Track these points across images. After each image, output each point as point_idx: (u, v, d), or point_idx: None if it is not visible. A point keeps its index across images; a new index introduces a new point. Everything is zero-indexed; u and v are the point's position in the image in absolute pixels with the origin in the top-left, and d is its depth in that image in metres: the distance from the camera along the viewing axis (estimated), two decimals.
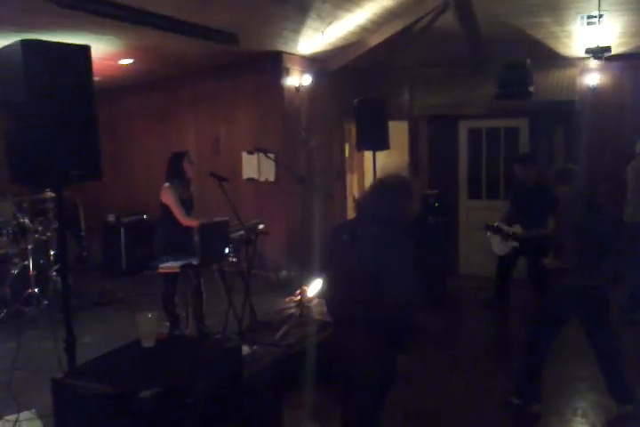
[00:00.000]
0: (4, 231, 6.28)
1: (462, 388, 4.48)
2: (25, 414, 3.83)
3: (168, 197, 5.06)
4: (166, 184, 5.11)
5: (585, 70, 7.64)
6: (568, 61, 7.70)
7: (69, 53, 3.08)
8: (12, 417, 3.77)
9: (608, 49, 6.31)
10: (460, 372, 4.81)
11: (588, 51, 6.38)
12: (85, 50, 3.18)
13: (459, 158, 8.10)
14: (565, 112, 7.33)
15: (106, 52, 6.41)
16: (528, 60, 7.01)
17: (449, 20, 6.92)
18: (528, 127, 7.57)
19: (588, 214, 3.81)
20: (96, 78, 3.27)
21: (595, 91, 7.54)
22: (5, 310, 6.00)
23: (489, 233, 4.80)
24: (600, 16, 6.31)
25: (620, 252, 5.00)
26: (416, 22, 7.09)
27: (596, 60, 6.86)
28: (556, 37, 7.24)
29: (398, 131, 8.36)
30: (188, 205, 5.22)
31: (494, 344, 5.50)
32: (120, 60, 6.96)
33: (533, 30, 7.08)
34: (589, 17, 6.52)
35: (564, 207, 4.05)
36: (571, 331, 4.13)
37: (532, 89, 7.12)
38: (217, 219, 4.75)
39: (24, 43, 2.87)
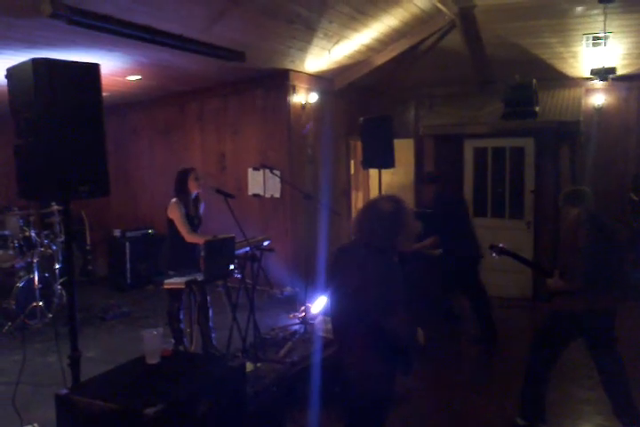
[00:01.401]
0: (11, 244, 6.32)
1: (467, 409, 4.45)
2: None
3: (174, 212, 5.09)
4: (173, 200, 5.14)
5: (590, 91, 7.70)
6: (573, 82, 7.75)
7: (79, 71, 3.13)
8: None
9: (613, 70, 6.36)
10: (465, 392, 4.78)
11: (593, 72, 6.42)
12: (95, 68, 3.23)
13: (464, 177, 8.12)
14: (571, 132, 7.35)
15: (114, 68, 6.48)
16: (534, 81, 7.06)
17: (455, 39, 7.01)
18: (534, 147, 7.58)
19: (597, 238, 3.75)
20: (104, 94, 3.31)
21: (600, 111, 7.58)
22: (10, 323, 6.01)
23: (494, 254, 4.74)
24: (605, 37, 6.36)
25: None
26: (422, 42, 7.18)
27: (601, 81, 6.91)
28: (561, 58, 7.30)
29: (404, 149, 8.40)
30: (194, 222, 5.24)
31: (500, 364, 5.46)
32: (128, 76, 7.03)
33: (539, 51, 7.15)
34: (595, 38, 6.59)
35: (572, 229, 4.01)
36: (577, 353, 4.11)
37: (537, 109, 7.16)
38: (223, 236, 4.76)
39: (35, 61, 2.93)
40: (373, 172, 8.45)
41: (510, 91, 7.17)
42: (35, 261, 6.27)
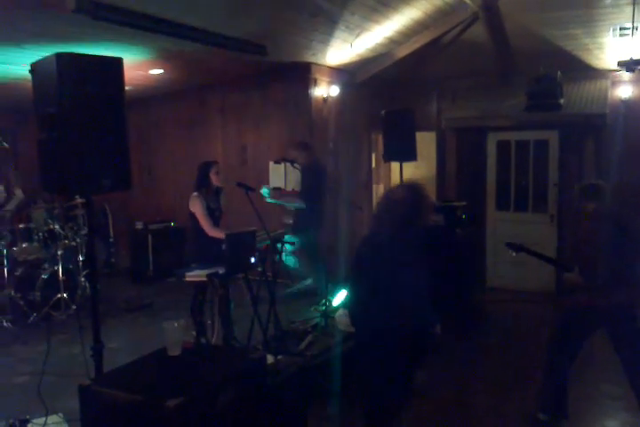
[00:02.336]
0: (36, 237, 6.41)
1: (487, 403, 4.42)
2: (53, 418, 3.89)
3: (195, 206, 5.11)
4: (194, 193, 5.16)
5: (617, 83, 7.55)
6: (599, 73, 7.62)
7: (102, 65, 3.16)
8: (40, 420, 3.84)
9: None
10: (484, 387, 4.75)
11: (620, 63, 6.30)
12: (118, 62, 3.25)
13: (487, 170, 8.05)
14: (596, 125, 7.24)
15: (137, 61, 6.51)
16: (558, 72, 6.95)
17: (478, 31, 6.92)
18: (558, 140, 7.49)
19: (615, 233, 3.71)
20: (126, 88, 3.33)
21: (626, 103, 7.45)
22: (35, 314, 6.11)
23: (511, 251, 4.68)
24: (634, 28, 6.24)
25: None
26: (445, 34, 7.10)
27: (628, 73, 6.78)
28: (587, 49, 7.18)
29: (426, 142, 8.34)
30: (216, 214, 5.26)
31: (520, 359, 5.41)
32: (150, 69, 7.06)
33: (564, 42, 7.03)
34: (622, 29, 6.45)
35: (589, 225, 3.98)
36: (602, 348, 4.06)
37: (562, 101, 7.05)
38: (244, 229, 4.78)
39: (59, 56, 2.95)
40: (395, 165, 8.40)
41: (534, 83, 7.07)
42: (59, 253, 6.35)
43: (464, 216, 6.90)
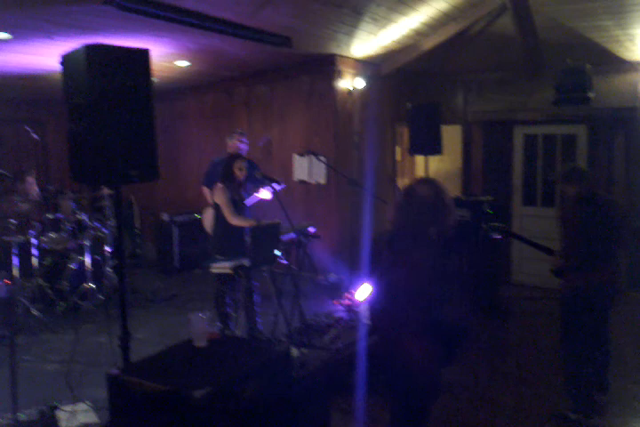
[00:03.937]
0: (63, 227, 6.49)
1: (515, 401, 4.36)
2: (80, 406, 3.95)
3: (219, 196, 5.15)
4: (219, 185, 5.20)
5: None
6: (630, 66, 7.46)
7: (130, 57, 3.17)
8: (68, 408, 3.91)
9: None
10: (512, 384, 4.70)
11: None
12: (145, 53, 3.26)
13: (513, 165, 7.95)
14: (626, 119, 7.11)
15: (163, 53, 6.54)
16: (588, 65, 6.83)
17: (506, 23, 6.82)
18: (586, 134, 7.37)
19: (595, 215, 3.81)
20: (153, 79, 3.34)
21: None
22: (63, 304, 6.20)
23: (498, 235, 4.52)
24: None
25: None
26: (472, 26, 7.02)
27: None
28: (617, 41, 7.03)
29: (451, 135, 8.27)
30: (239, 206, 5.29)
31: (548, 355, 5.35)
32: (177, 61, 7.09)
33: (594, 34, 6.90)
34: None
35: (570, 207, 4.01)
36: (631, 348, 4.01)
37: (591, 95, 6.93)
38: (269, 221, 4.79)
39: (88, 47, 2.97)
40: (419, 158, 8.37)
41: (562, 75, 6.95)
42: (86, 243, 6.44)
43: (490, 211, 6.83)
